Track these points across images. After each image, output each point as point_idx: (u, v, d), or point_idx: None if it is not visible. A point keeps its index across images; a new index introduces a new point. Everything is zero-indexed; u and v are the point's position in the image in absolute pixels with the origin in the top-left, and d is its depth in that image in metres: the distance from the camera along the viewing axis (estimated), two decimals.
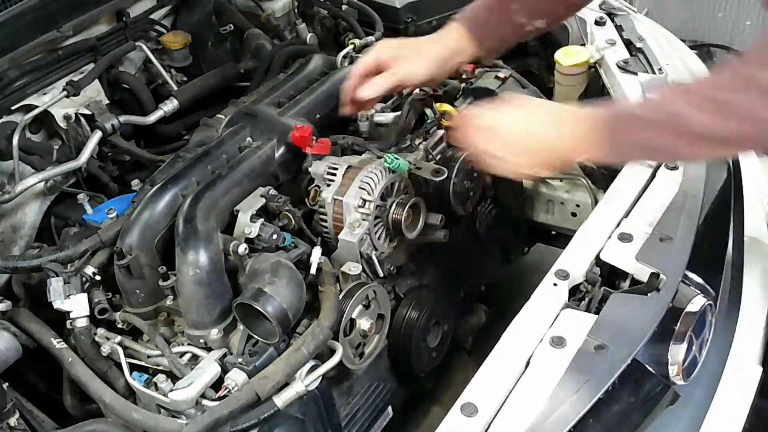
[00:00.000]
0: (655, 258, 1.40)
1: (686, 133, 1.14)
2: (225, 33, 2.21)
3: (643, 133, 1.18)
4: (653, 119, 1.18)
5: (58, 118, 1.83)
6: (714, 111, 1.10)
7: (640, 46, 2.00)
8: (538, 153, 1.27)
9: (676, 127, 1.14)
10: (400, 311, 1.56)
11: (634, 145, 1.22)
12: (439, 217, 1.59)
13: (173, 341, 1.41)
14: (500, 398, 1.23)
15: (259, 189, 1.48)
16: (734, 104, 1.09)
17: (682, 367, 1.31)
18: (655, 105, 1.22)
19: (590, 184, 2.09)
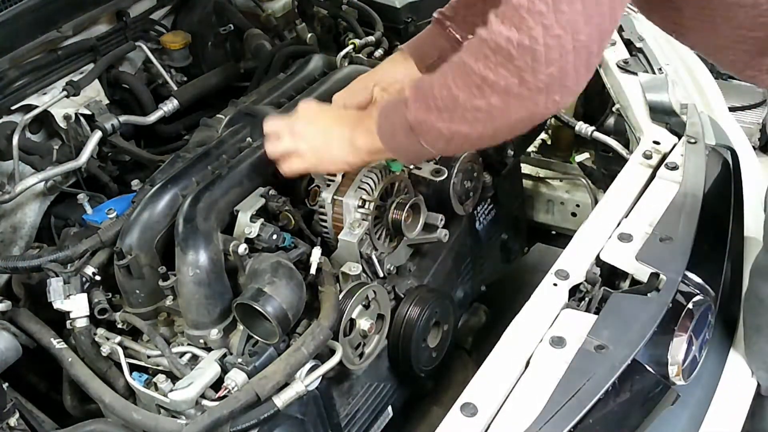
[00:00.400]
0: (655, 258, 1.40)
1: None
2: (225, 33, 2.21)
3: (399, 138, 1.25)
4: (397, 124, 1.24)
5: (58, 118, 1.83)
6: (459, 119, 1.15)
7: (640, 46, 2.00)
8: (342, 155, 1.37)
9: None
10: (400, 311, 1.56)
11: (400, 150, 1.28)
12: (439, 217, 1.59)
13: (173, 341, 1.41)
14: (500, 398, 1.23)
15: (259, 189, 1.48)
16: (475, 109, 1.12)
17: (682, 367, 1.31)
18: (394, 111, 1.26)
19: (590, 184, 2.10)
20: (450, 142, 1.20)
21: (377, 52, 2.07)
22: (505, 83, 1.07)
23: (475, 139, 1.18)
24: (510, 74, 1.06)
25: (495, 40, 1.06)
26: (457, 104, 1.13)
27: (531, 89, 1.07)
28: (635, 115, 1.82)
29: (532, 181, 2.26)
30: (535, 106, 1.09)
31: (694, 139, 1.68)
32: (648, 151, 1.68)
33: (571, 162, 2.20)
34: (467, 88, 1.11)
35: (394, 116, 1.25)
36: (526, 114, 1.11)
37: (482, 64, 1.08)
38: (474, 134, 1.16)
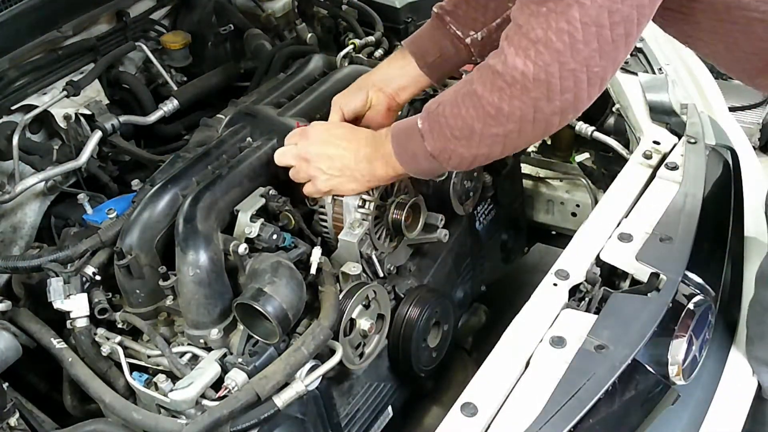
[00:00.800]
0: (655, 258, 1.40)
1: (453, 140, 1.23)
2: (225, 33, 2.21)
3: (421, 163, 1.30)
4: (419, 154, 1.28)
5: (58, 118, 1.83)
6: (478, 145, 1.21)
7: (640, 46, 2.00)
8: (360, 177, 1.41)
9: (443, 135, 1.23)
10: (400, 311, 1.56)
11: (422, 170, 1.33)
12: (439, 217, 1.59)
13: (173, 341, 1.41)
14: (500, 398, 1.23)
15: (259, 189, 1.48)
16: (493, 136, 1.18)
17: (682, 367, 1.31)
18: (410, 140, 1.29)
19: (590, 184, 2.10)
20: (473, 162, 1.27)
21: (377, 52, 2.07)
22: (521, 113, 1.12)
23: (497, 155, 1.25)
24: (525, 105, 1.11)
25: (510, 73, 1.09)
26: (473, 133, 1.18)
27: (546, 114, 1.11)
28: (635, 115, 1.82)
29: (532, 181, 2.26)
30: (550, 127, 1.16)
31: (694, 139, 1.68)
32: (648, 151, 1.68)
33: (571, 162, 2.20)
34: (483, 119, 1.16)
35: (412, 145, 1.29)
36: (542, 133, 1.18)
37: (497, 96, 1.11)
38: (495, 154, 1.23)
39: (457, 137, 1.20)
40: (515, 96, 1.10)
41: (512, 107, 1.11)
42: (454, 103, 1.20)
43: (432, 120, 1.24)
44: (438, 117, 1.23)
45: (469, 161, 1.25)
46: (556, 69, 1.06)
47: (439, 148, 1.24)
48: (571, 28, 1.03)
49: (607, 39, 1.04)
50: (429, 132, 1.24)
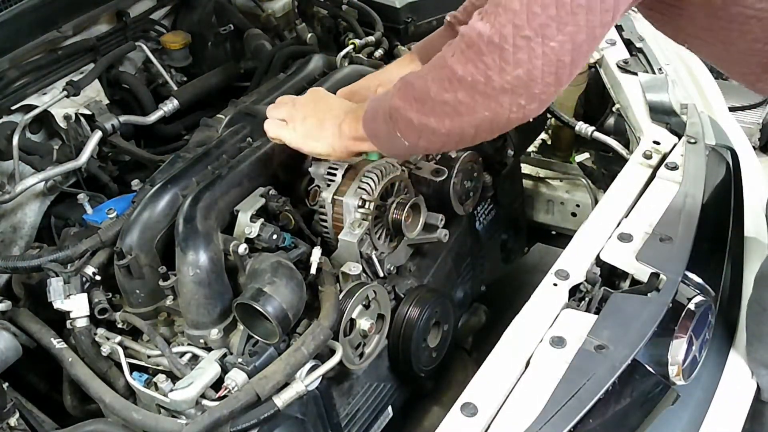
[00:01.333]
0: (655, 258, 1.40)
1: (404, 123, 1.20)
2: (225, 33, 2.21)
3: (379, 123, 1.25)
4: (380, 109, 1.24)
5: (58, 118, 1.83)
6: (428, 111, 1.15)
7: (640, 46, 2.00)
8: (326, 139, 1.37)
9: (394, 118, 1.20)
10: (400, 311, 1.56)
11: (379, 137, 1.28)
12: (439, 217, 1.59)
13: (173, 341, 1.41)
14: (500, 398, 1.23)
15: (259, 189, 1.48)
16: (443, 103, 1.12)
17: (682, 367, 1.31)
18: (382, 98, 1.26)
19: (590, 184, 2.10)
20: (421, 135, 1.19)
21: (377, 52, 2.07)
22: (472, 79, 1.07)
23: (442, 134, 1.17)
24: (477, 71, 1.06)
25: (469, 34, 1.06)
26: (428, 96, 1.13)
27: (496, 88, 1.06)
28: (635, 115, 1.82)
29: (532, 181, 2.26)
30: (500, 107, 1.08)
31: (694, 139, 1.68)
32: (648, 151, 1.68)
33: (571, 162, 2.20)
34: (439, 81, 1.11)
35: (379, 103, 1.26)
36: (490, 114, 1.10)
37: (455, 59, 1.08)
38: (442, 129, 1.15)
39: (416, 98, 1.16)
40: (470, 59, 1.06)
41: (465, 71, 1.07)
42: (426, 65, 1.18)
43: (404, 80, 1.21)
44: (408, 77, 1.20)
45: (417, 129, 1.18)
46: (510, 32, 1.01)
47: (397, 106, 1.19)
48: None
49: (566, 7, 0.99)
50: (398, 88, 1.21)
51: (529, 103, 1.07)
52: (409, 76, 1.21)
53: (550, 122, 2.17)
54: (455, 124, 1.14)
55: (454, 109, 1.11)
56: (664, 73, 1.90)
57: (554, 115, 1.99)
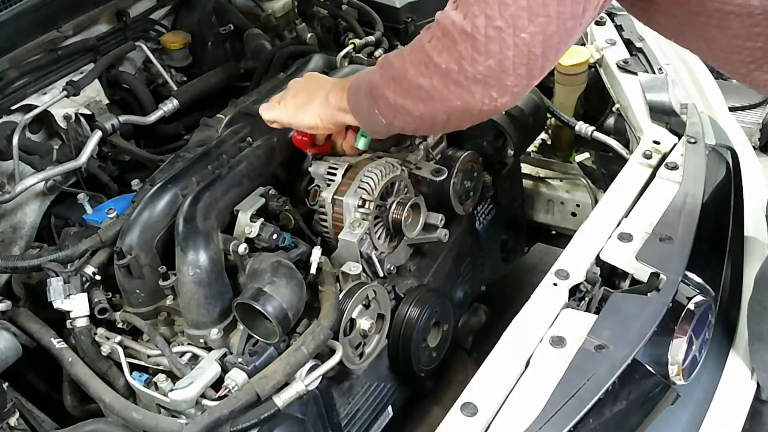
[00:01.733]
0: (655, 258, 1.40)
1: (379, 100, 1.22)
2: (225, 33, 2.21)
3: (360, 98, 1.27)
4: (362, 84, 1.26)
5: (58, 118, 1.83)
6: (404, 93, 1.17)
7: (640, 45, 2.00)
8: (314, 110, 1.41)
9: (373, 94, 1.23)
10: (400, 311, 1.56)
11: (360, 111, 1.30)
12: (439, 217, 1.59)
13: (173, 341, 1.41)
14: (500, 398, 1.23)
15: (259, 189, 1.48)
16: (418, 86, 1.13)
17: (682, 367, 1.31)
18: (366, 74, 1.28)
19: (590, 184, 2.09)
20: (396, 115, 1.21)
21: (377, 52, 2.07)
22: (446, 67, 1.08)
23: (416, 117, 1.18)
24: (451, 59, 1.07)
25: (443, 22, 1.07)
26: (405, 77, 1.15)
27: (468, 78, 1.07)
28: (635, 115, 1.82)
29: (532, 181, 2.26)
30: (471, 97, 1.09)
31: (694, 139, 1.68)
32: (648, 151, 1.68)
33: (571, 162, 2.20)
34: (416, 64, 1.13)
35: (363, 78, 1.28)
36: (462, 104, 1.11)
37: (431, 45, 1.09)
38: (416, 112, 1.17)
39: (394, 78, 1.18)
40: (445, 47, 1.07)
41: (440, 58, 1.08)
42: (408, 47, 1.19)
43: (386, 58, 1.23)
44: (390, 56, 1.22)
45: (394, 109, 1.20)
46: (482, 22, 1.02)
47: (377, 84, 1.22)
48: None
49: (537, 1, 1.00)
50: (378, 68, 1.23)
51: (501, 95, 1.09)
52: (391, 55, 1.23)
53: (550, 122, 2.17)
54: (428, 108, 1.15)
55: (429, 94, 1.13)
56: (664, 73, 1.90)
57: (554, 115, 1.99)
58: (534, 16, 1.01)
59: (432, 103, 1.14)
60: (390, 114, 1.22)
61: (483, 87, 1.08)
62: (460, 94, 1.10)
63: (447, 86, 1.10)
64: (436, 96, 1.12)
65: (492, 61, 1.04)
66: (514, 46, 1.03)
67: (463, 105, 1.11)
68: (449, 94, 1.10)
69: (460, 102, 1.11)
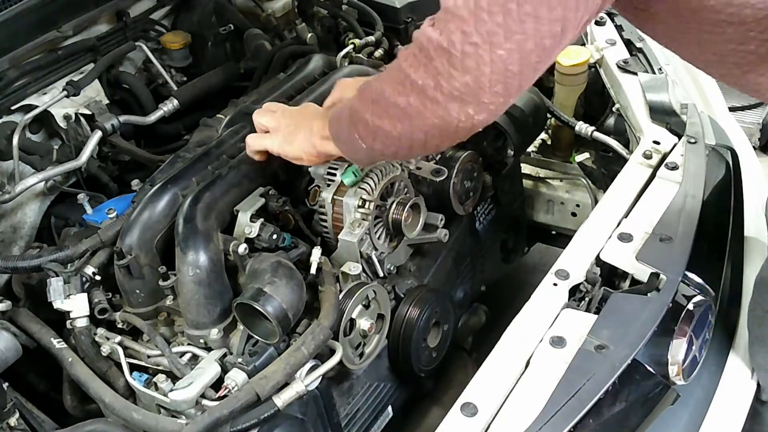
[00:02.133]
0: (655, 258, 1.40)
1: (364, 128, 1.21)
2: (225, 33, 2.21)
3: (342, 124, 1.26)
4: (344, 111, 1.25)
5: (58, 118, 1.83)
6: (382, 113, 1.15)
7: (640, 45, 2.00)
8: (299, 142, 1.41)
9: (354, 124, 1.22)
10: (400, 311, 1.56)
11: (341, 139, 1.29)
12: (439, 217, 1.59)
13: (173, 341, 1.41)
14: (500, 398, 1.23)
15: (259, 189, 1.48)
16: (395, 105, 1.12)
17: (682, 367, 1.31)
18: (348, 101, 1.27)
19: (590, 184, 2.09)
20: (375, 137, 1.20)
21: (377, 52, 2.07)
22: (422, 83, 1.07)
23: (395, 138, 1.17)
24: (427, 75, 1.06)
25: (420, 39, 1.06)
26: (383, 97, 1.14)
27: (445, 94, 1.06)
28: (635, 115, 1.82)
29: (532, 181, 2.26)
30: (447, 114, 1.08)
31: (694, 139, 1.68)
32: (648, 151, 1.68)
33: (571, 162, 2.20)
34: (393, 83, 1.12)
35: (344, 104, 1.27)
36: (439, 121, 1.10)
37: (408, 62, 1.08)
38: (393, 132, 1.16)
39: (372, 100, 1.17)
40: (421, 63, 1.06)
41: (417, 75, 1.07)
42: (386, 69, 1.18)
43: (368, 81, 1.22)
44: (372, 79, 1.21)
45: (372, 132, 1.19)
46: (458, 38, 1.01)
47: (356, 108, 1.21)
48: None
49: (513, 15, 0.98)
50: (361, 90, 1.21)
51: (478, 113, 1.07)
52: (371, 78, 1.23)
53: (550, 122, 2.17)
54: (405, 128, 1.14)
55: (405, 113, 1.12)
56: (664, 73, 1.90)
57: (554, 115, 1.99)
58: (510, 33, 1.00)
59: (409, 122, 1.13)
60: (369, 137, 1.21)
61: (459, 104, 1.06)
62: (435, 111, 1.08)
63: (423, 103, 1.09)
64: (412, 113, 1.11)
65: (469, 77, 1.03)
66: (491, 62, 1.02)
67: (440, 122, 1.10)
68: (425, 111, 1.09)
69: (437, 119, 1.10)
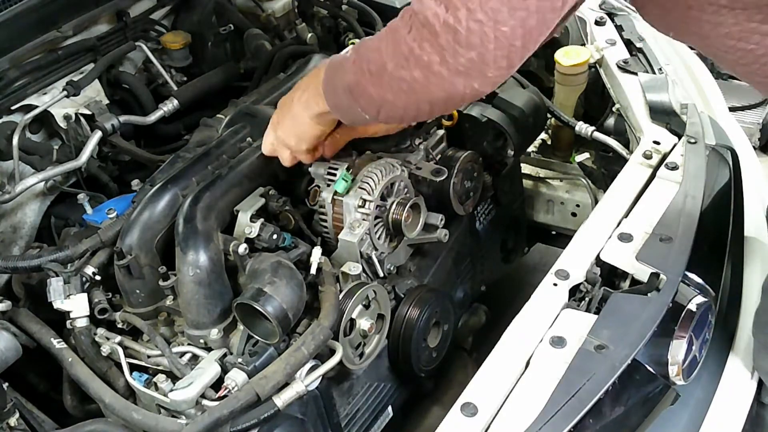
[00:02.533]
0: (655, 258, 1.40)
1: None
2: (225, 33, 2.21)
3: (340, 97, 1.26)
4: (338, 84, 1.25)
5: (58, 118, 1.83)
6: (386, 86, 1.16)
7: (640, 45, 2.00)
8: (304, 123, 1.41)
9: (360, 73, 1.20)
10: (400, 311, 1.56)
11: (340, 108, 1.29)
12: (439, 217, 1.59)
13: (173, 341, 1.41)
14: (500, 398, 1.23)
15: (259, 189, 1.49)
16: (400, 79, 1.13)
17: (682, 367, 1.31)
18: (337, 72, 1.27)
19: (590, 184, 2.09)
20: (380, 109, 1.21)
21: None
22: (428, 59, 1.08)
23: (400, 109, 1.19)
24: (433, 50, 1.07)
25: (424, 13, 1.06)
26: (384, 71, 1.15)
27: (450, 70, 1.08)
28: (635, 115, 1.82)
29: (532, 181, 2.26)
30: (453, 88, 1.10)
31: (694, 139, 1.68)
32: (648, 151, 1.68)
33: (571, 162, 2.20)
34: (395, 57, 1.12)
35: (336, 75, 1.27)
36: (445, 94, 1.12)
37: (411, 36, 1.09)
38: (399, 104, 1.18)
39: (371, 72, 1.17)
40: (425, 38, 1.07)
41: (422, 50, 1.08)
42: (378, 37, 1.18)
43: (358, 51, 1.22)
44: (363, 49, 1.21)
45: (377, 105, 1.20)
46: (463, 15, 1.03)
47: (355, 81, 1.21)
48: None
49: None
50: (352, 63, 1.22)
51: (482, 85, 1.11)
52: (362, 48, 1.21)
53: (550, 122, 2.17)
54: (411, 100, 1.16)
55: (410, 86, 1.13)
56: (664, 73, 1.90)
57: (554, 115, 1.99)
58: (513, 10, 1.02)
59: (414, 95, 1.15)
60: (373, 109, 1.22)
61: (465, 78, 1.09)
62: (441, 85, 1.10)
63: (428, 78, 1.10)
64: (417, 88, 1.13)
65: (474, 53, 1.05)
66: (495, 39, 1.04)
67: (445, 95, 1.12)
68: (430, 85, 1.11)
69: (442, 93, 1.12)
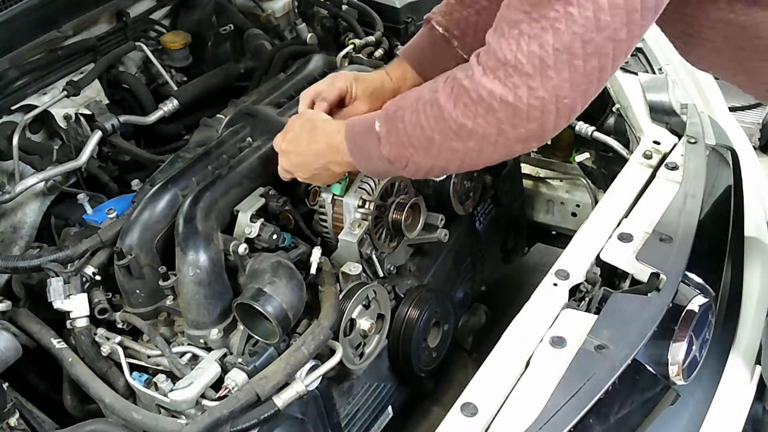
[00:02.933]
0: (655, 258, 1.40)
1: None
2: (225, 33, 2.21)
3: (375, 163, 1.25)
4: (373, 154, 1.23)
5: (58, 118, 1.83)
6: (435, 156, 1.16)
7: (640, 46, 2.00)
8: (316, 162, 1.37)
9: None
10: (400, 311, 1.56)
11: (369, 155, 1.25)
12: (439, 217, 1.59)
13: (173, 341, 1.41)
14: (500, 398, 1.23)
15: (259, 189, 1.48)
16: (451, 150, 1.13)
17: (682, 367, 1.31)
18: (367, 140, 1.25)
19: (590, 184, 2.10)
20: (430, 171, 1.22)
21: (377, 52, 2.07)
22: (483, 132, 1.08)
23: (453, 169, 1.22)
24: (489, 125, 1.07)
25: (477, 91, 1.05)
26: (432, 144, 1.14)
27: (510, 139, 1.08)
28: (635, 115, 1.82)
29: (532, 181, 2.26)
30: (511, 152, 1.13)
31: (694, 139, 1.68)
32: (648, 151, 1.68)
33: (571, 162, 2.20)
34: (443, 132, 1.11)
35: (367, 146, 1.24)
36: (502, 156, 1.14)
37: (461, 112, 1.08)
38: (451, 167, 1.19)
39: (415, 146, 1.16)
40: (480, 114, 1.06)
41: (476, 125, 1.07)
42: (415, 110, 1.15)
43: (390, 124, 1.19)
44: (396, 122, 1.18)
45: (426, 170, 1.21)
46: (524, 93, 1.02)
47: (395, 154, 1.19)
48: (542, 53, 0.99)
49: (579, 70, 1.00)
50: (386, 136, 1.19)
51: (540, 142, 1.13)
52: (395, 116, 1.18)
53: None
54: (466, 164, 1.17)
55: (464, 155, 1.14)
56: (664, 73, 1.90)
57: None
58: (576, 85, 1.03)
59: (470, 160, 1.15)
60: (423, 172, 1.23)
61: (524, 143, 1.10)
62: (499, 151, 1.12)
63: (484, 147, 1.11)
64: (473, 156, 1.13)
65: (534, 124, 1.05)
66: (556, 110, 1.04)
67: (502, 156, 1.15)
68: (487, 153, 1.12)
69: (500, 155, 1.14)
